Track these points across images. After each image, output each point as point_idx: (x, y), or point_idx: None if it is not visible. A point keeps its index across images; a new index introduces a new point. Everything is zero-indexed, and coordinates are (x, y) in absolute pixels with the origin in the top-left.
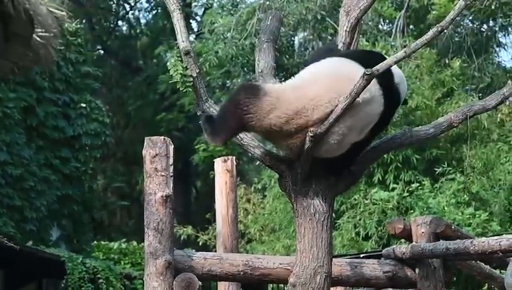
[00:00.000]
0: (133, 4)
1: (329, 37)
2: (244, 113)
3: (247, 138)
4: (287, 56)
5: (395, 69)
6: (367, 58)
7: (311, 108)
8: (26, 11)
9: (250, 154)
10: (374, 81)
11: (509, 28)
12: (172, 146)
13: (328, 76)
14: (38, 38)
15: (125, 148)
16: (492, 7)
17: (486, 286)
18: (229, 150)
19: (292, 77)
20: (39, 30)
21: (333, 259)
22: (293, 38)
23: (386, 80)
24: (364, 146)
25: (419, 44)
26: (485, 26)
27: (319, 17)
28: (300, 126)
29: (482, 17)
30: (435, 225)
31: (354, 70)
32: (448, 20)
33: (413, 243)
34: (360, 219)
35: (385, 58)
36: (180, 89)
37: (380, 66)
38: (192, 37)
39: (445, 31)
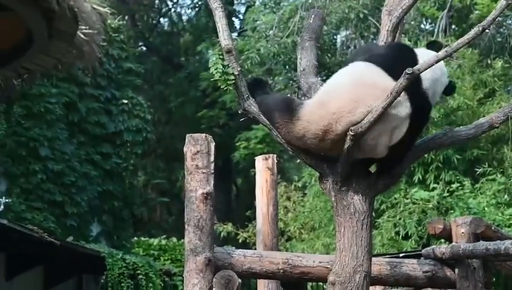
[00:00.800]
0: (175, 1)
1: (372, 36)
2: (278, 131)
3: None
4: (329, 55)
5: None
6: (390, 60)
7: (335, 122)
8: (71, 8)
9: (291, 152)
10: None
11: None
12: (214, 143)
13: (347, 85)
14: (81, 35)
15: (166, 144)
16: None
17: None
18: (270, 147)
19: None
20: (83, 27)
21: (372, 258)
22: (335, 36)
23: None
24: (404, 148)
25: (460, 43)
26: None
27: (361, 16)
28: (333, 141)
29: None
30: (475, 225)
31: (374, 76)
32: (489, 20)
33: (453, 243)
34: (400, 219)
35: (413, 54)
36: (221, 86)
37: (421, 66)
38: (234, 35)
39: (487, 30)
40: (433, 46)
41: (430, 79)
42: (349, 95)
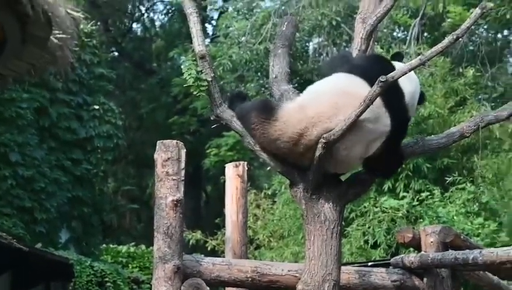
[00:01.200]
0: (148, 6)
1: (344, 44)
2: (253, 133)
3: None
4: (302, 62)
5: (408, 77)
6: (372, 71)
7: (311, 126)
8: (45, 13)
9: (261, 159)
10: (379, 101)
11: None
12: (184, 150)
13: (329, 93)
14: (55, 40)
15: (136, 151)
16: (508, 16)
17: None
18: (241, 155)
19: (303, 92)
20: (57, 32)
21: (341, 267)
22: (307, 44)
23: (392, 97)
24: (385, 159)
25: (434, 52)
26: (499, 35)
27: (334, 23)
28: (306, 146)
29: (497, 26)
30: (444, 234)
31: (357, 86)
32: (463, 29)
33: (422, 252)
34: (369, 227)
35: (392, 66)
36: (194, 92)
37: (395, 73)
38: (207, 41)
39: (460, 39)
40: (397, 56)
41: (410, 92)
42: (330, 102)
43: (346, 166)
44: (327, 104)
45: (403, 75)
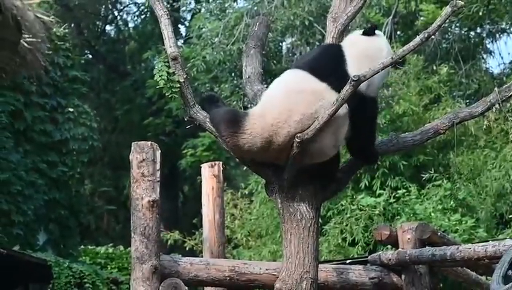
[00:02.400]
0: (121, 8)
1: (317, 43)
2: (226, 145)
3: None
4: (275, 62)
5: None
6: (316, 61)
7: (274, 134)
8: (14, 17)
9: (237, 159)
10: (328, 88)
11: (497, 35)
12: (159, 151)
13: (279, 96)
14: (25, 44)
15: (112, 152)
16: (480, 13)
17: None
18: (217, 155)
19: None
20: (26, 36)
21: (319, 265)
22: (280, 43)
23: (340, 83)
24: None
25: (406, 50)
26: (472, 32)
27: (306, 23)
28: (278, 150)
29: (470, 23)
30: (421, 231)
31: (301, 82)
32: (435, 27)
33: (400, 249)
34: (346, 225)
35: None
36: (166, 94)
37: (367, 72)
38: (180, 42)
39: (432, 37)
40: (370, 30)
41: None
42: (282, 105)
43: (322, 156)
44: (280, 108)
45: (375, 74)
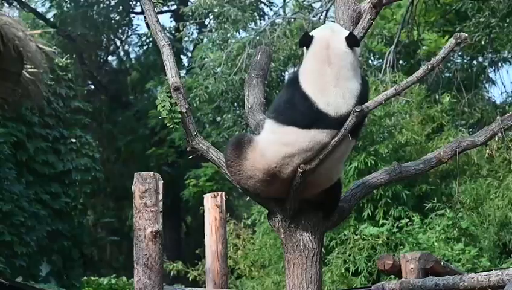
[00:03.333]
0: (123, 39)
1: None
2: (230, 170)
3: None
4: (277, 92)
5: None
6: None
7: (278, 172)
8: (16, 48)
9: (240, 189)
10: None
11: (499, 64)
12: (162, 181)
13: (273, 144)
14: (27, 75)
15: (115, 183)
16: (482, 42)
17: None
18: (219, 185)
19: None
20: (28, 66)
21: None
22: (282, 73)
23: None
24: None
25: (409, 81)
26: (474, 61)
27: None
28: (280, 182)
29: (472, 52)
30: (424, 260)
31: (277, 130)
32: (439, 59)
33: (403, 278)
34: (349, 255)
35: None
36: (168, 124)
37: (370, 103)
38: (182, 72)
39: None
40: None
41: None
42: (279, 153)
43: (325, 185)
44: (279, 156)
45: (378, 105)
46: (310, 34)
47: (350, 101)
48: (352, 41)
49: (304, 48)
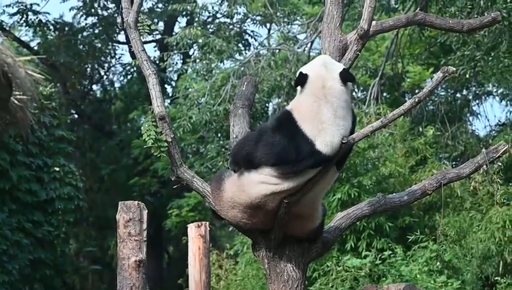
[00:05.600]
0: (107, 68)
1: None
2: (212, 204)
3: None
4: (261, 122)
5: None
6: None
7: (263, 205)
8: (5, 74)
9: (224, 220)
10: None
11: (483, 97)
12: (146, 211)
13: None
14: (16, 101)
15: (97, 212)
16: (467, 76)
17: None
18: (202, 215)
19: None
20: (17, 93)
21: None
22: (267, 104)
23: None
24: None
25: (396, 114)
26: (458, 94)
27: (293, 83)
28: (266, 215)
29: (456, 85)
30: None
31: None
32: (426, 92)
33: None
34: (332, 286)
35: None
36: (154, 153)
37: (356, 135)
38: (166, 102)
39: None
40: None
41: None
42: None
43: (310, 216)
44: (264, 193)
45: (364, 137)
46: (304, 72)
47: (345, 134)
48: (346, 77)
49: (299, 87)
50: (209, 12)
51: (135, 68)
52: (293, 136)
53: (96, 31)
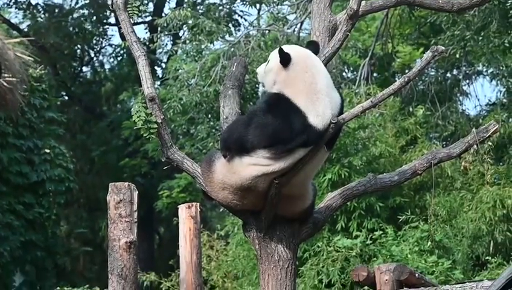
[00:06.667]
0: (97, 49)
1: None
2: (202, 185)
3: None
4: (252, 103)
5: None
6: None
7: (254, 186)
8: None
9: (214, 200)
10: None
11: (473, 77)
12: (137, 192)
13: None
14: (5, 83)
15: (88, 194)
16: (457, 56)
17: None
18: (193, 196)
19: None
20: (6, 75)
21: None
22: (257, 85)
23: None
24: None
25: (386, 94)
26: (449, 74)
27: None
28: (256, 196)
29: (446, 65)
30: (398, 272)
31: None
32: (415, 71)
33: None
34: (323, 266)
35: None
36: (144, 135)
37: (346, 115)
38: (156, 83)
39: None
40: (311, 46)
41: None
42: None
43: (301, 196)
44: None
45: (354, 117)
46: (286, 51)
47: (335, 113)
48: (317, 48)
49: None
50: None
51: (125, 50)
52: (286, 114)
53: (86, 13)
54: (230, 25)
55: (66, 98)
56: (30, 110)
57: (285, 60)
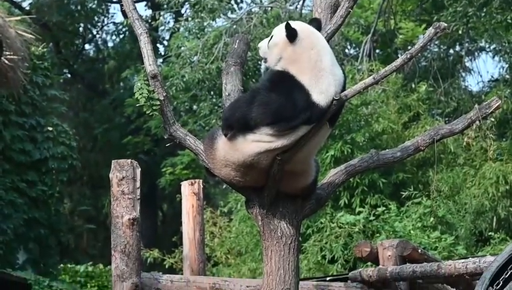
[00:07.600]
0: (99, 27)
1: None
2: (205, 162)
3: None
4: (254, 80)
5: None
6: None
7: (256, 163)
8: None
9: (217, 177)
10: None
11: (476, 53)
12: (139, 169)
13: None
14: (6, 61)
15: (91, 171)
16: (460, 32)
17: None
18: (196, 173)
19: None
20: (7, 53)
21: (300, 282)
22: (259, 62)
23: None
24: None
25: (388, 70)
26: (451, 50)
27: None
28: (259, 173)
29: (449, 41)
30: (401, 248)
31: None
32: (417, 48)
33: (380, 266)
34: (326, 243)
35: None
36: (147, 112)
37: (349, 92)
38: (159, 61)
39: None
40: (314, 22)
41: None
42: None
43: (303, 172)
44: (257, 151)
45: (356, 93)
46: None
47: (338, 90)
48: (319, 25)
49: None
50: None
51: (127, 27)
52: (289, 91)
53: None
54: (232, 2)
55: (69, 76)
56: (32, 88)
57: (292, 35)
